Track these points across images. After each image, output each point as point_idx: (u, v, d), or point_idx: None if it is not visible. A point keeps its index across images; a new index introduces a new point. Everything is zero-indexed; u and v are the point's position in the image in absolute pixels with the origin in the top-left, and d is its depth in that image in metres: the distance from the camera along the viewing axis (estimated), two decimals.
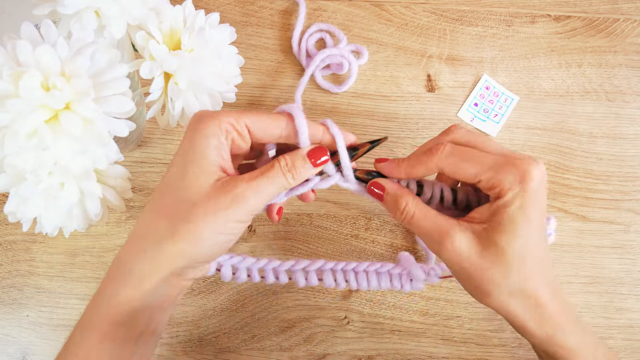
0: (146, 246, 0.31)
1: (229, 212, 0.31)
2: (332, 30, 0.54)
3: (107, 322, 0.31)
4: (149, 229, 0.31)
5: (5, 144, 0.28)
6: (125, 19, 0.33)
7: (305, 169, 0.34)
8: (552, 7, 0.56)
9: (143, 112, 0.45)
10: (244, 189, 0.31)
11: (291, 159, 0.34)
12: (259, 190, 0.32)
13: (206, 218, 0.30)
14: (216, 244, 0.31)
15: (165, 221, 0.31)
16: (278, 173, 0.33)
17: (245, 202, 0.31)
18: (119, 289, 0.31)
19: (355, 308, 0.48)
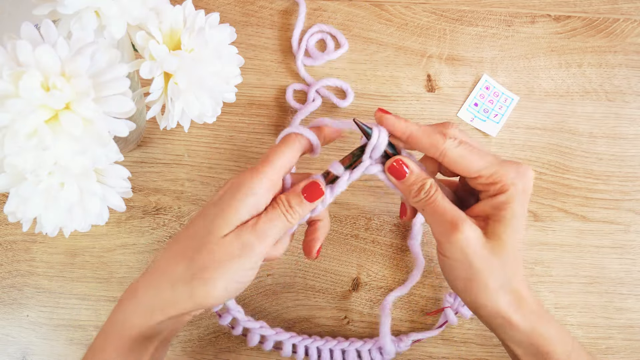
0: (162, 284, 0.33)
1: (240, 262, 0.32)
2: (332, 32, 0.54)
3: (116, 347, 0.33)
4: (168, 268, 0.33)
5: (5, 144, 0.28)
6: (125, 19, 0.33)
7: (302, 207, 0.35)
8: (552, 7, 0.56)
9: (143, 112, 0.45)
10: (249, 235, 0.33)
11: (287, 198, 0.35)
12: (264, 236, 0.33)
13: (219, 267, 0.32)
14: (227, 291, 0.33)
15: (184, 265, 0.32)
16: (279, 215, 0.34)
17: (252, 250, 0.32)
18: (130, 318, 0.33)
19: (355, 308, 0.48)
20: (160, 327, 0.34)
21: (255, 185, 0.33)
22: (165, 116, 0.38)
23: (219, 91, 0.38)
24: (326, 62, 0.53)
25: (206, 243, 0.32)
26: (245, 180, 0.33)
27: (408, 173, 0.35)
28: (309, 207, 0.35)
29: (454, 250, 0.33)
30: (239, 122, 0.52)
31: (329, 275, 0.49)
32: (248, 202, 0.33)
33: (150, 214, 0.49)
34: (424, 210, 0.35)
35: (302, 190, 0.35)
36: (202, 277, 0.32)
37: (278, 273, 0.48)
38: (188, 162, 0.51)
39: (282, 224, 0.34)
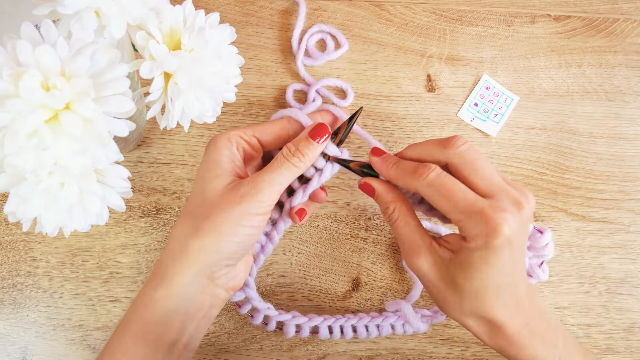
0: (175, 246, 0.34)
1: (242, 206, 0.33)
2: (332, 32, 0.54)
3: (142, 322, 0.33)
4: (177, 231, 0.34)
5: (5, 144, 0.28)
6: (125, 19, 0.33)
7: (310, 148, 0.35)
8: (552, 7, 0.56)
9: (143, 112, 0.45)
10: (252, 185, 0.34)
11: (294, 143, 0.36)
12: (267, 183, 0.34)
13: (222, 213, 0.33)
14: (236, 236, 0.33)
15: (189, 221, 0.34)
16: (282, 160, 0.35)
17: (254, 196, 0.33)
18: (154, 290, 0.33)
19: (355, 308, 0.48)
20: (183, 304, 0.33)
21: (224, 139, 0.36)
22: (165, 116, 0.38)
23: (219, 91, 0.38)
24: (326, 62, 0.53)
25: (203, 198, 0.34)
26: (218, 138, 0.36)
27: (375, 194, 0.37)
28: (317, 149, 0.36)
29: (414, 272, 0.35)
30: (239, 122, 0.52)
31: (329, 275, 0.49)
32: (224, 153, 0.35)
33: (150, 214, 0.49)
34: (391, 227, 0.37)
35: (310, 133, 0.36)
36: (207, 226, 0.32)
37: (278, 273, 0.48)
38: (188, 162, 0.51)
39: (290, 170, 0.35)
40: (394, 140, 0.51)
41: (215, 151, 0.36)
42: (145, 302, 0.33)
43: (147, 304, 0.33)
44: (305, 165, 0.36)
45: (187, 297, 0.33)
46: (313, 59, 0.53)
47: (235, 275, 0.37)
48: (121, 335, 0.33)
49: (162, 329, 0.33)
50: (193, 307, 0.34)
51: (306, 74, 0.52)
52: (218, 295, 0.36)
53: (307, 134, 0.36)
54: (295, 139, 0.36)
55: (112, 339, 0.34)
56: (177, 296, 0.33)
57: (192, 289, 0.33)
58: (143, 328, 0.33)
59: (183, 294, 0.33)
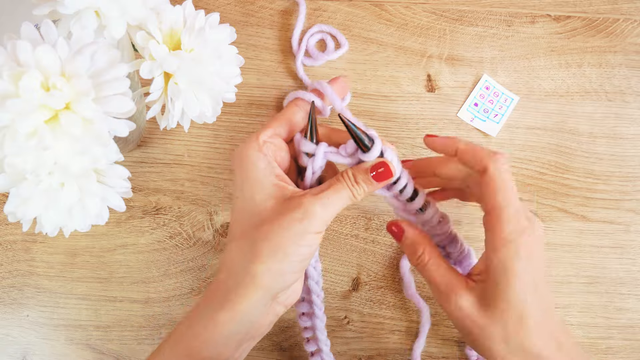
0: (237, 270, 0.32)
1: (305, 225, 0.31)
2: (332, 32, 0.54)
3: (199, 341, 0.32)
4: (235, 254, 0.33)
5: (5, 144, 0.28)
6: (125, 19, 0.33)
7: (368, 185, 0.34)
8: (552, 7, 0.56)
9: (143, 112, 0.45)
10: (312, 202, 0.32)
11: (353, 173, 0.34)
12: (327, 204, 0.32)
13: (283, 233, 0.31)
14: (299, 256, 0.32)
15: (247, 244, 0.32)
16: (344, 186, 0.34)
17: (315, 215, 0.32)
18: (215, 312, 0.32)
19: (355, 308, 0.48)
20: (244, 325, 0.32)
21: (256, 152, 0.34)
22: (165, 116, 0.38)
23: (219, 91, 0.38)
24: (326, 62, 0.53)
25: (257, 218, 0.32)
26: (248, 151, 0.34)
27: (404, 237, 0.36)
28: (375, 186, 0.34)
29: (450, 317, 0.34)
30: (239, 122, 0.52)
31: (329, 275, 0.49)
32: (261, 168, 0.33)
33: (150, 214, 0.49)
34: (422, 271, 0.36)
35: (371, 168, 0.34)
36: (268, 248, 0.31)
37: None
38: (188, 162, 0.51)
39: (346, 198, 0.34)
40: (394, 141, 0.51)
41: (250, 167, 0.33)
42: (205, 323, 0.32)
43: (206, 324, 0.32)
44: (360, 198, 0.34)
45: (251, 319, 0.32)
46: (313, 59, 0.53)
47: (294, 290, 0.36)
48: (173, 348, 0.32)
49: (220, 348, 0.32)
50: (255, 327, 0.34)
51: (304, 75, 0.52)
52: (277, 313, 0.35)
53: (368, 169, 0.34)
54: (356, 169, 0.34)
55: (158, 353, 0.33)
56: (241, 320, 0.32)
57: (256, 312, 0.32)
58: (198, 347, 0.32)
59: (247, 317, 0.32)
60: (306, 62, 0.53)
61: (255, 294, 0.31)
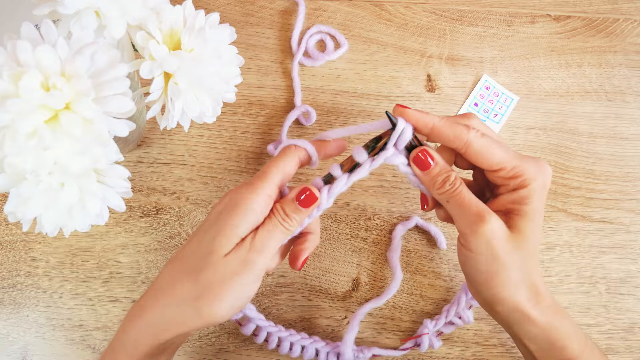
0: (168, 304, 0.33)
1: (242, 277, 0.32)
2: (332, 32, 0.54)
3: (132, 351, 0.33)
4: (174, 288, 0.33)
5: (5, 144, 0.28)
6: (125, 19, 0.33)
7: (298, 214, 0.35)
8: (552, 7, 0.56)
9: (143, 112, 0.45)
10: (248, 251, 0.33)
11: (282, 206, 0.35)
12: (262, 249, 0.33)
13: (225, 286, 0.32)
14: (233, 307, 0.33)
15: (189, 285, 0.33)
16: (277, 225, 0.34)
17: (253, 265, 0.33)
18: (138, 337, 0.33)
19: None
20: (167, 344, 0.34)
21: (253, 201, 0.33)
22: (165, 116, 0.38)
23: (219, 91, 0.38)
24: (326, 62, 0.53)
25: (209, 262, 0.33)
26: (242, 197, 0.34)
27: (433, 164, 0.35)
28: (304, 212, 0.35)
29: (479, 242, 0.33)
30: (239, 122, 0.52)
31: (329, 275, 0.49)
32: (247, 219, 0.33)
33: (150, 214, 0.49)
34: (448, 202, 0.35)
35: (296, 197, 0.34)
36: (208, 297, 0.32)
37: (278, 273, 0.48)
38: (188, 162, 0.51)
39: (280, 234, 0.34)
40: None
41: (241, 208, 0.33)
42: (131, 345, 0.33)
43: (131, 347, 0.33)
44: (295, 229, 0.35)
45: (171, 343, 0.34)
46: (313, 60, 0.53)
47: None
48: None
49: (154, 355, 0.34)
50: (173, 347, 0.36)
51: (297, 76, 0.52)
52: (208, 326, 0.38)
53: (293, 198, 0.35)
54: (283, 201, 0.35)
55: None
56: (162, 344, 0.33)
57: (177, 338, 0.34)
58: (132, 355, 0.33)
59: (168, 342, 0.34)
60: (306, 63, 0.53)
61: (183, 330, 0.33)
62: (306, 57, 0.53)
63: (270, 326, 0.45)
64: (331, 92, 0.53)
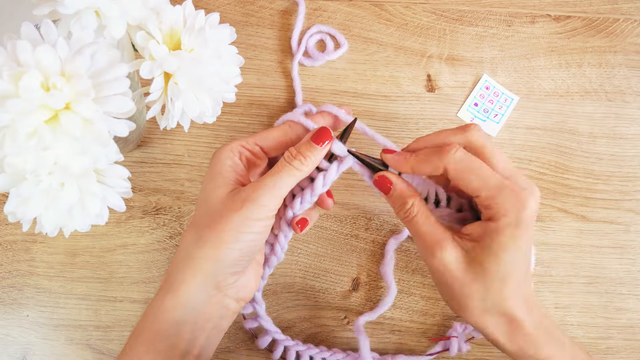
0: (181, 256, 0.34)
1: (243, 212, 0.33)
2: (332, 32, 0.54)
3: (153, 331, 0.33)
4: (183, 241, 0.35)
5: (5, 144, 0.28)
6: (125, 19, 0.33)
7: (312, 151, 0.35)
8: (552, 7, 0.56)
9: (143, 112, 0.45)
10: (252, 189, 0.34)
11: (296, 147, 0.35)
12: (268, 187, 0.33)
13: (222, 220, 0.33)
14: (237, 243, 0.33)
15: (192, 231, 0.34)
16: (283, 164, 0.35)
17: (255, 201, 0.33)
18: (161, 299, 0.33)
19: (355, 308, 0.48)
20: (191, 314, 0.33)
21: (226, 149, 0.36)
22: (165, 116, 0.38)
23: (219, 91, 0.38)
24: (326, 62, 0.53)
25: (206, 207, 0.34)
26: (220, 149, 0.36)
27: (391, 190, 0.36)
28: (319, 151, 0.35)
29: (433, 271, 0.34)
30: (239, 122, 0.52)
31: (329, 275, 0.49)
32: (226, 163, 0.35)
33: (150, 214, 0.49)
34: (406, 225, 0.36)
35: (312, 137, 0.35)
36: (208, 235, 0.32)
37: (278, 273, 0.48)
38: (188, 162, 0.51)
39: (290, 172, 0.34)
40: (394, 141, 0.51)
41: (217, 163, 0.36)
42: (155, 312, 0.33)
43: (155, 313, 0.33)
44: (308, 168, 0.35)
45: (195, 307, 0.33)
46: (313, 60, 0.53)
47: (245, 285, 0.36)
48: (133, 345, 0.33)
49: (172, 339, 0.33)
50: (201, 317, 0.34)
51: (297, 76, 0.52)
52: (227, 306, 0.35)
53: (309, 138, 0.35)
54: (298, 144, 0.36)
55: (125, 348, 0.34)
56: (185, 306, 0.33)
57: (199, 298, 0.33)
58: (153, 338, 0.33)
59: (190, 303, 0.33)
60: (306, 63, 0.53)
61: (194, 279, 0.33)
62: (306, 57, 0.53)
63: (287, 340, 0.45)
64: (331, 92, 0.53)
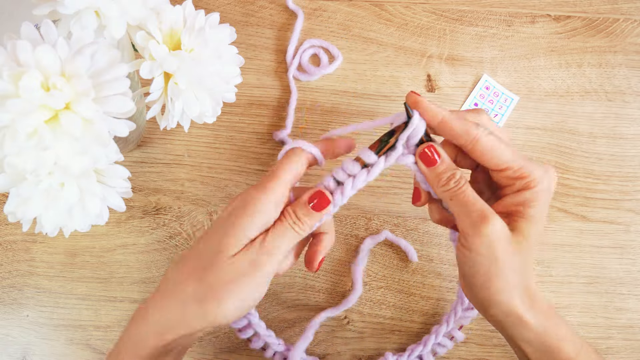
0: (172, 304, 0.33)
1: (250, 279, 0.32)
2: (325, 46, 0.54)
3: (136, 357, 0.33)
4: (178, 288, 0.33)
5: (5, 144, 0.28)
6: (125, 19, 0.33)
7: (309, 217, 0.34)
8: (552, 7, 0.56)
9: (143, 112, 0.45)
10: (257, 253, 0.32)
11: (293, 209, 0.34)
12: (272, 252, 0.33)
13: (229, 287, 0.32)
14: (238, 309, 0.33)
15: (194, 285, 0.32)
16: (286, 227, 0.34)
17: (262, 267, 0.32)
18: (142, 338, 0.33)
19: (355, 308, 0.48)
20: (172, 345, 0.33)
21: (263, 202, 0.33)
22: (165, 116, 0.38)
23: (219, 91, 0.38)
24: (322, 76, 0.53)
25: (215, 262, 0.32)
26: (252, 198, 0.33)
27: (439, 161, 0.35)
28: (316, 216, 0.34)
29: (480, 243, 0.33)
30: (239, 122, 0.52)
31: (329, 275, 0.49)
32: (256, 220, 0.33)
33: (150, 214, 0.49)
34: (451, 200, 0.34)
35: (308, 200, 0.34)
36: (213, 297, 0.32)
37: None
38: (188, 162, 0.51)
39: (291, 237, 0.34)
40: None
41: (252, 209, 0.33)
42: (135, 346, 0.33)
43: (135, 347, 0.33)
44: (306, 232, 0.34)
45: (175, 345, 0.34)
46: (309, 75, 0.53)
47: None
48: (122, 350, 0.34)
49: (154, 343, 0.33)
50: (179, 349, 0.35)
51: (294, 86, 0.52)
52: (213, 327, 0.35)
53: (306, 201, 0.34)
54: (296, 205, 0.34)
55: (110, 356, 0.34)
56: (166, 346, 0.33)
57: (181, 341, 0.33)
58: None
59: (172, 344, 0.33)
60: (302, 78, 0.53)
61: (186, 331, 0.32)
62: (302, 73, 0.53)
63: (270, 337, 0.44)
64: (331, 92, 0.53)
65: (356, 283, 0.47)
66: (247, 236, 0.33)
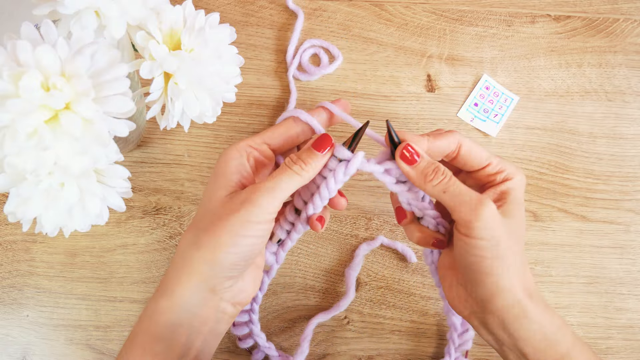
0: (178, 258, 0.34)
1: (241, 214, 0.32)
2: (325, 46, 0.54)
3: (148, 334, 0.33)
4: (182, 243, 0.34)
5: (5, 144, 0.28)
6: (125, 19, 0.33)
7: (313, 158, 0.35)
8: (552, 7, 0.56)
9: (143, 112, 0.45)
10: (251, 191, 0.33)
11: (297, 154, 0.35)
12: (267, 189, 0.33)
13: (221, 223, 0.32)
14: (235, 247, 0.32)
15: (191, 233, 0.34)
16: (284, 168, 0.34)
17: (254, 203, 0.32)
18: (157, 301, 0.33)
19: (355, 308, 0.48)
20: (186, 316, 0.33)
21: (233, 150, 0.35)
22: (165, 116, 0.38)
23: (219, 91, 0.38)
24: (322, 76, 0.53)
25: (208, 208, 0.34)
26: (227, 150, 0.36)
27: (419, 159, 0.35)
28: (319, 157, 0.35)
29: (483, 227, 0.33)
30: (239, 122, 0.52)
31: (329, 275, 0.49)
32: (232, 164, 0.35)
33: (150, 214, 0.49)
34: (445, 192, 0.34)
35: (313, 144, 0.35)
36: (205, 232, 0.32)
37: (278, 273, 0.48)
38: (188, 162, 0.51)
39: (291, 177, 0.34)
40: None
41: (223, 163, 0.35)
42: (150, 314, 0.33)
43: (151, 315, 0.33)
44: (308, 174, 0.35)
45: (189, 309, 0.33)
46: (309, 75, 0.53)
47: (242, 289, 0.35)
48: (129, 348, 0.33)
49: (168, 342, 0.32)
50: (197, 320, 0.33)
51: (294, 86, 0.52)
52: (224, 310, 0.35)
53: (310, 145, 0.35)
54: (300, 150, 0.36)
55: (122, 350, 0.34)
56: (180, 308, 0.33)
57: (193, 301, 0.33)
58: (149, 340, 0.32)
59: (185, 306, 0.33)
60: (302, 78, 0.53)
61: (189, 281, 0.32)
62: (302, 73, 0.53)
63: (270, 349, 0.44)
64: (331, 92, 0.53)
65: (349, 288, 0.47)
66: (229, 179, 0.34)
